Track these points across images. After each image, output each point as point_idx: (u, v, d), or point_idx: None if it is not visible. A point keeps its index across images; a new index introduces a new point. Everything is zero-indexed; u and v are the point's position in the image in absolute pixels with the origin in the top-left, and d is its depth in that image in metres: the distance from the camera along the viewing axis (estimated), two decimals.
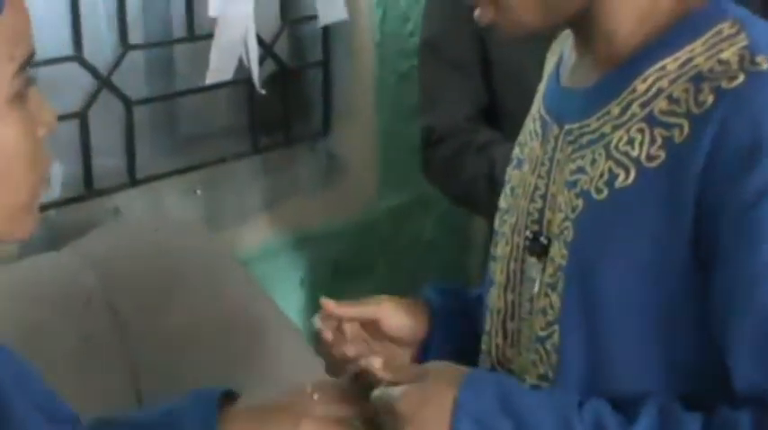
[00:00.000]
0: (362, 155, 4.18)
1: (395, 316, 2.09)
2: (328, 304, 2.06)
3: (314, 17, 3.91)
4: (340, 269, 4.15)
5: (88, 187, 3.32)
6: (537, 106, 2.04)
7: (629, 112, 1.71)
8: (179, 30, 3.57)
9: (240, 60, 3.46)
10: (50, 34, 3.17)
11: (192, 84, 3.55)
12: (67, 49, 3.20)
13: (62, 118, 3.02)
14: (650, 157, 1.67)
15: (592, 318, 1.74)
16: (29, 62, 1.38)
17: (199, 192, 3.63)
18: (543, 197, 1.86)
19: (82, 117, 3.26)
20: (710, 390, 1.68)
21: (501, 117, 3.27)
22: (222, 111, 3.84)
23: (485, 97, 3.28)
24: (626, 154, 1.70)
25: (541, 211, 1.85)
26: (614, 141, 1.72)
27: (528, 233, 1.88)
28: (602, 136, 1.74)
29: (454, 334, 2.11)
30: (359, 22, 3.98)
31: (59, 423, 1.74)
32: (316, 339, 2.07)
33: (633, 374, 1.73)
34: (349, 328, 2.08)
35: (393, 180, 4.23)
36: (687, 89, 1.65)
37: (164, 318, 3.02)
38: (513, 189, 1.98)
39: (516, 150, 2.05)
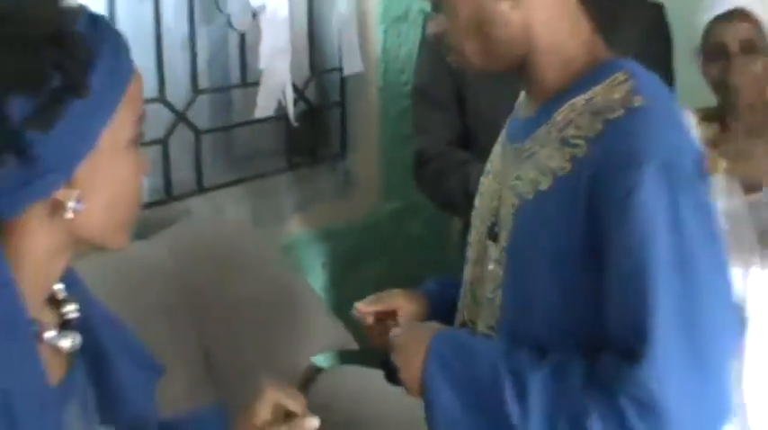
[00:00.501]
0: (370, 172, 4.23)
1: (406, 305, 2.19)
2: (360, 307, 2.17)
3: (334, 69, 4.03)
4: (352, 256, 4.19)
5: (168, 193, 3.41)
6: (503, 131, 2.10)
7: (550, 136, 1.79)
8: (235, 78, 3.68)
9: (279, 101, 3.57)
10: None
11: (245, 118, 3.67)
12: (154, 92, 3.29)
13: (149, 143, 3.24)
14: (562, 168, 1.74)
15: (521, 284, 1.83)
16: (142, 117, 1.44)
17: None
18: (498, 197, 1.93)
19: (164, 143, 3.37)
20: (599, 339, 1.74)
21: (472, 142, 3.32)
22: (266, 138, 3.89)
23: (461, 127, 3.34)
24: (547, 166, 1.77)
25: (497, 208, 1.92)
26: (540, 156, 1.79)
27: (488, 223, 1.95)
28: (533, 153, 1.82)
29: (443, 313, 2.15)
30: (368, 73, 4.04)
31: (147, 370, 1.69)
32: (359, 325, 2.21)
33: (547, 325, 1.80)
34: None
35: (393, 191, 4.30)
36: (587, 119, 1.73)
37: (225, 291, 3.07)
38: (481, 193, 2.06)
39: (487, 164, 2.10)
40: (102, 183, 1.40)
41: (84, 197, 1.38)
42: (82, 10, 1.37)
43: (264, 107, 3.53)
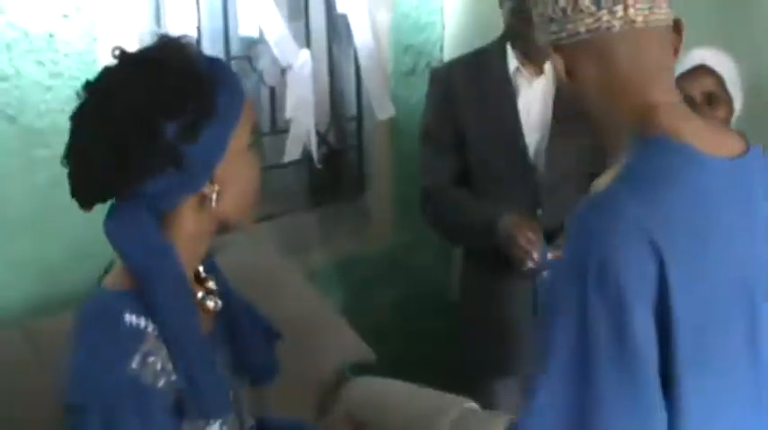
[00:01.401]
0: (384, 208, 4.40)
1: None
2: None
3: (352, 118, 4.26)
4: (367, 283, 4.30)
5: None
6: None
7: None
8: (266, 126, 3.90)
9: (304, 145, 3.77)
10: None
11: (275, 161, 3.85)
12: None
13: None
14: None
15: None
16: (255, 127, 1.83)
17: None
18: None
19: None
20: None
21: (471, 180, 3.50)
22: (293, 178, 4.09)
23: (461, 168, 3.49)
24: None
25: None
26: None
27: None
28: None
29: None
30: (382, 121, 4.18)
31: (266, 334, 2.04)
32: None
33: None
34: None
35: (404, 225, 4.39)
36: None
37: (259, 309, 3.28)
38: None
39: None
40: (233, 179, 1.78)
41: (222, 190, 1.76)
42: (202, 55, 1.79)
43: (292, 151, 3.74)
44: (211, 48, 3.63)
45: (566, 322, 1.56)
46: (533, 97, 3.43)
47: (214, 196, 1.77)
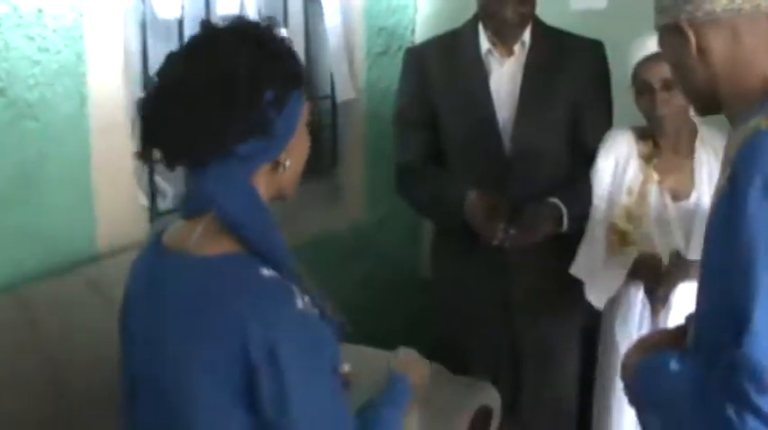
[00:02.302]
0: (356, 185, 4.47)
1: None
2: None
3: (327, 97, 4.32)
4: (340, 257, 4.32)
5: None
6: None
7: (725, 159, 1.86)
8: None
9: None
10: None
11: None
12: None
13: None
14: (723, 188, 1.81)
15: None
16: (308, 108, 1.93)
17: None
18: None
19: None
20: None
21: (443, 157, 3.58)
22: None
23: (434, 145, 3.57)
24: (718, 182, 1.87)
25: None
26: (720, 175, 1.87)
27: None
28: (720, 174, 1.89)
29: None
30: (356, 100, 4.30)
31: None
32: None
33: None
34: None
35: (375, 201, 4.47)
36: (736, 144, 1.81)
37: None
38: None
39: None
40: (297, 150, 1.91)
41: (290, 158, 1.89)
42: (290, 42, 1.91)
43: None
44: (192, 27, 3.58)
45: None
46: (504, 77, 3.52)
47: (287, 163, 1.88)
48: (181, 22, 3.57)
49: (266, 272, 1.82)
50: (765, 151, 1.74)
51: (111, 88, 3.19)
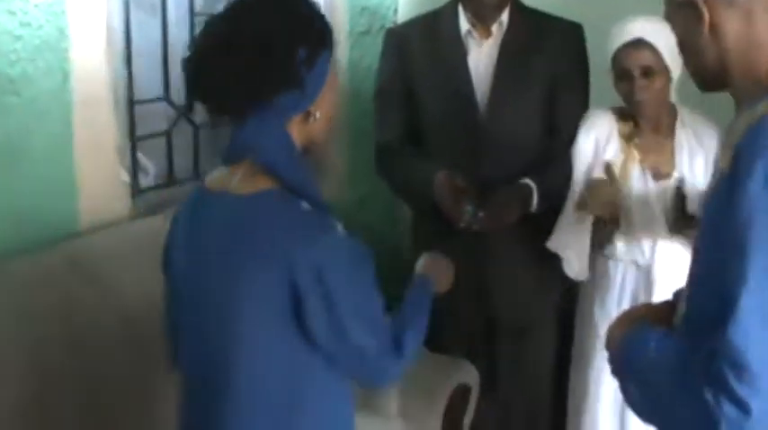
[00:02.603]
0: (337, 162, 4.43)
1: None
2: None
3: None
4: None
5: (170, 178, 3.72)
6: None
7: (728, 142, 1.80)
8: None
9: None
10: (151, 84, 3.59)
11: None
12: (160, 93, 3.62)
13: (155, 135, 3.58)
14: (725, 169, 1.77)
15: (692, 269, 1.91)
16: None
17: None
18: None
19: (168, 135, 3.69)
20: None
21: (422, 137, 3.63)
22: None
23: (412, 125, 3.62)
24: (718, 164, 1.82)
25: None
26: (720, 158, 1.82)
27: None
28: (718, 157, 1.85)
29: None
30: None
31: None
32: None
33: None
34: None
35: (357, 178, 4.46)
36: (742, 127, 1.77)
37: None
38: None
39: None
40: (326, 105, 2.16)
41: (319, 112, 2.13)
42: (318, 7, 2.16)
43: None
44: (176, 3, 3.67)
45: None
46: (482, 57, 3.55)
47: (317, 114, 2.13)
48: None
49: (305, 205, 2.05)
50: None
51: (93, 63, 3.17)
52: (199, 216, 2.19)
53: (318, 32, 2.11)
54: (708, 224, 1.83)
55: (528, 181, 3.41)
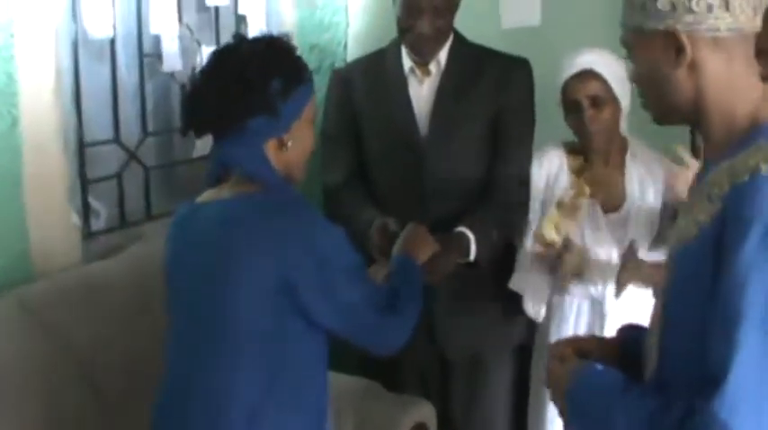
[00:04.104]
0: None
1: (597, 351, 2.16)
2: (562, 347, 2.17)
3: None
4: None
5: (122, 221, 3.68)
6: None
7: (703, 192, 1.81)
8: (177, 122, 3.76)
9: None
10: (100, 127, 3.56)
11: (186, 155, 3.93)
12: (110, 135, 3.59)
13: (105, 178, 3.56)
14: (704, 222, 1.76)
15: (666, 325, 1.86)
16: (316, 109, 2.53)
17: None
18: None
19: (118, 178, 3.65)
20: None
21: (367, 174, 3.62)
22: (202, 172, 3.94)
23: (357, 163, 3.61)
24: (696, 218, 1.78)
25: None
26: (695, 209, 1.80)
27: None
28: (692, 206, 1.84)
29: (630, 361, 2.05)
30: None
31: None
32: None
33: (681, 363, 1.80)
34: None
35: None
36: (725, 180, 1.75)
37: None
38: None
39: None
40: (301, 137, 2.46)
41: (293, 142, 2.43)
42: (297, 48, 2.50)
43: (201, 147, 3.79)
44: (124, 45, 3.66)
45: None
46: (423, 95, 3.56)
47: (290, 143, 2.42)
48: (113, 41, 3.56)
49: (288, 198, 2.40)
50: (765, 197, 1.70)
51: (43, 108, 3.16)
52: (191, 222, 2.49)
53: (294, 68, 2.44)
54: (683, 276, 1.81)
55: (464, 229, 3.37)
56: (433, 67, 3.54)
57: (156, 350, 2.59)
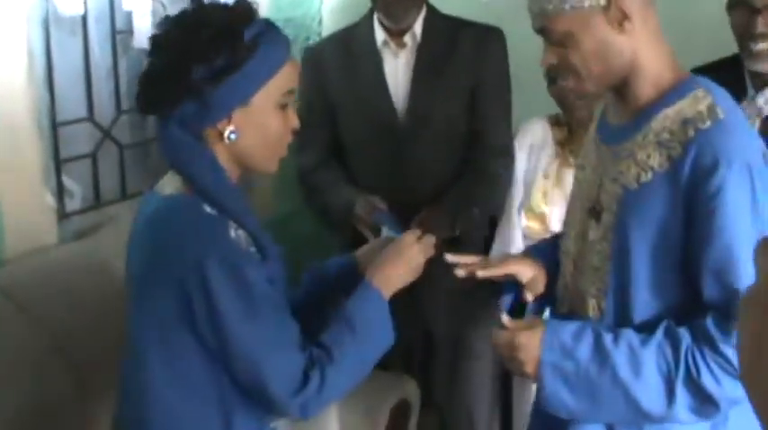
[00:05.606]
0: (264, 178, 4.21)
1: (526, 271, 2.38)
2: (480, 273, 2.44)
3: None
4: None
5: (97, 201, 3.68)
6: (592, 135, 2.27)
7: (647, 140, 2.02)
8: None
9: None
10: (74, 105, 3.55)
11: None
12: (83, 113, 3.58)
13: (80, 157, 3.54)
14: (660, 165, 1.98)
15: (626, 257, 2.05)
16: (291, 92, 2.21)
17: None
18: (598, 186, 2.14)
19: (93, 157, 3.65)
20: (691, 310, 1.98)
21: (344, 153, 3.67)
22: None
23: (334, 143, 3.66)
24: (647, 163, 2.00)
25: (597, 194, 2.13)
26: (639, 156, 2.02)
27: (588, 205, 2.15)
28: (632, 153, 2.05)
29: (552, 272, 2.35)
30: None
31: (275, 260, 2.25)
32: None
33: (648, 292, 2.03)
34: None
35: (283, 196, 4.40)
36: (679, 127, 1.97)
37: None
38: (579, 181, 2.28)
39: (579, 160, 2.33)
40: (254, 127, 2.15)
41: (240, 132, 2.14)
42: (253, 18, 2.16)
43: None
44: (96, 22, 3.62)
45: None
46: (399, 67, 3.57)
47: (226, 133, 2.14)
48: (84, 18, 3.52)
49: (208, 209, 2.12)
50: (733, 137, 1.95)
51: (14, 88, 3.13)
52: (139, 214, 2.31)
53: (230, 53, 2.10)
54: (637, 215, 2.03)
55: (447, 204, 3.43)
56: (408, 38, 3.54)
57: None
